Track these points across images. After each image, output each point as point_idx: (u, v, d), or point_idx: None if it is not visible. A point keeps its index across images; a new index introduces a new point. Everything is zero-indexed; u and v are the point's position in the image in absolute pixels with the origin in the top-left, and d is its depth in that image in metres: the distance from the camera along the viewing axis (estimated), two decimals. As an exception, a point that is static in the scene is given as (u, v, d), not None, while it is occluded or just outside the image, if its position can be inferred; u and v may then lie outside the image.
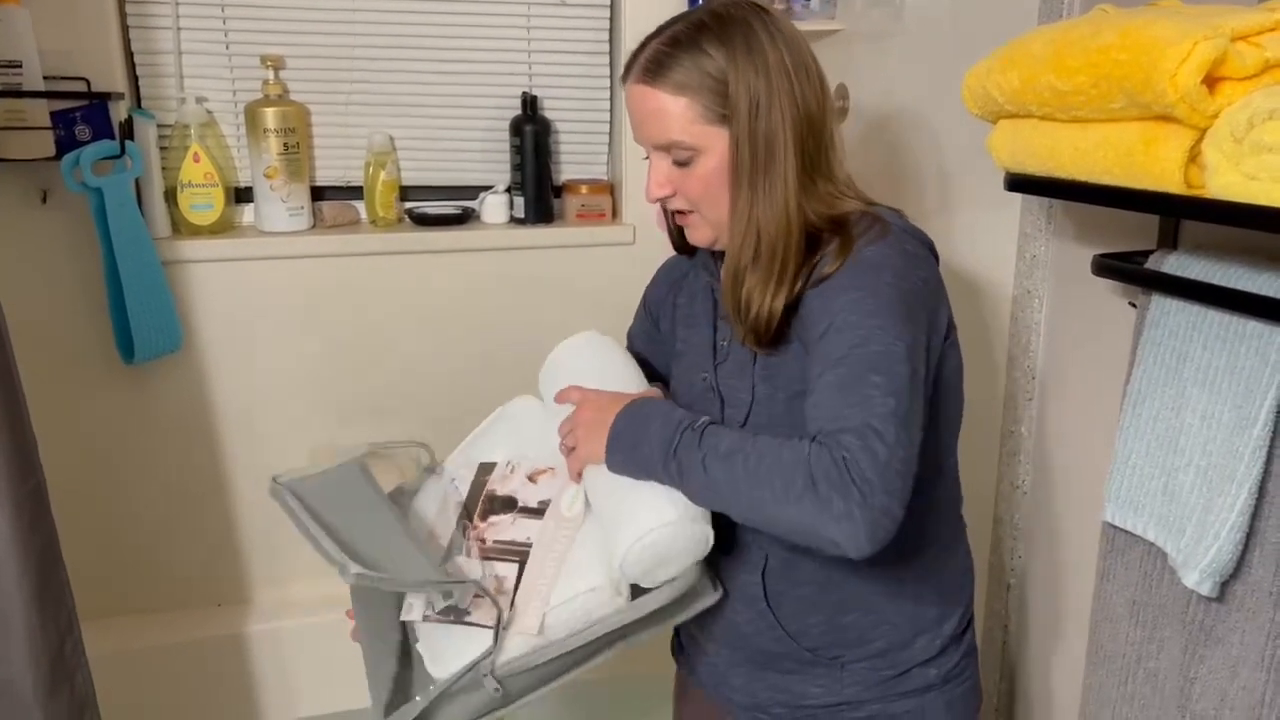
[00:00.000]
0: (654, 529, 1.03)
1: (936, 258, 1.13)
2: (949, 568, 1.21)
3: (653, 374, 1.34)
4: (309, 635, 1.91)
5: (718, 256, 1.21)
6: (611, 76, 1.99)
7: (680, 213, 1.15)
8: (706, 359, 1.21)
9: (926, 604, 1.17)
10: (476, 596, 1.09)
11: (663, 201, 1.13)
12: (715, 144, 1.07)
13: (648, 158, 1.13)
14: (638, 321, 1.41)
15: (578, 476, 1.14)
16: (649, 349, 1.38)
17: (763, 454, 0.96)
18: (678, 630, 1.35)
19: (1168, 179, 0.97)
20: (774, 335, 1.08)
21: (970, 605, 1.25)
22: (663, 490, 1.04)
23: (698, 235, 1.15)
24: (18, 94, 1.57)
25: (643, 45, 1.09)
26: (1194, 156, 0.96)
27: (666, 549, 1.04)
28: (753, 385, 1.13)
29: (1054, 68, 1.07)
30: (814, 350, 1.02)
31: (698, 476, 1.00)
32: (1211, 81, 0.92)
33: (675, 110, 1.06)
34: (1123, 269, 1.23)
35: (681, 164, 1.08)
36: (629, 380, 1.23)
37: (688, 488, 1.02)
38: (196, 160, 1.77)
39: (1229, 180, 0.90)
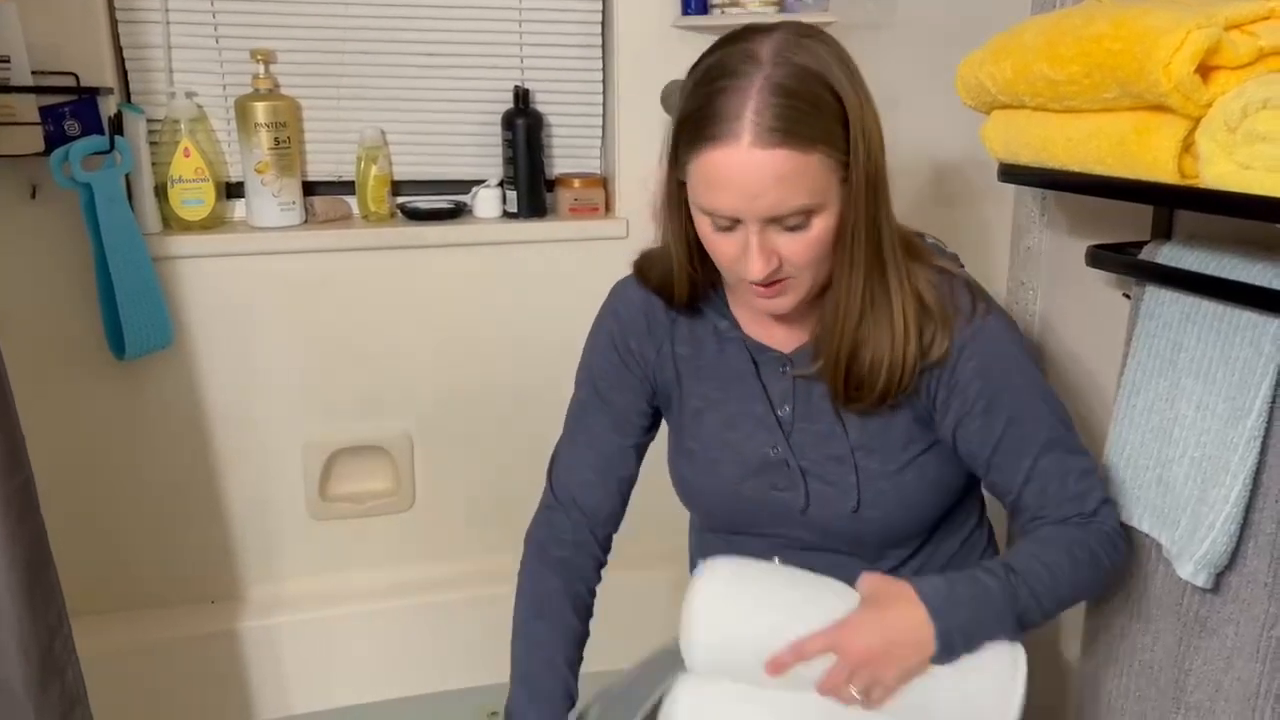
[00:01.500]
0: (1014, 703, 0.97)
1: None
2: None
3: (626, 424, 1.20)
4: (302, 632, 1.91)
5: (721, 300, 1.13)
6: (604, 69, 1.99)
7: (772, 282, 0.99)
8: (764, 428, 1.11)
9: None
10: None
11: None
12: (835, 197, 0.95)
13: (730, 228, 0.96)
14: (609, 378, 1.20)
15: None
16: (617, 399, 1.20)
17: (1065, 564, 1.01)
18: None
19: (1161, 169, 0.97)
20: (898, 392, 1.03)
21: None
22: (978, 677, 0.97)
23: (783, 302, 1.02)
24: (6, 89, 1.55)
25: (729, 91, 0.91)
26: (1188, 146, 0.96)
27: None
28: (854, 464, 1.08)
29: (1047, 57, 1.06)
30: (982, 429, 1.04)
31: (1036, 622, 1.00)
32: (1205, 70, 0.92)
33: (806, 170, 0.92)
34: (1117, 260, 1.23)
35: (794, 228, 0.95)
36: (819, 586, 1.02)
37: (1025, 630, 1.00)
38: (187, 155, 1.76)
39: (1223, 170, 0.90)
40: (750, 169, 0.91)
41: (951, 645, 0.94)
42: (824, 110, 0.92)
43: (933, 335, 1.02)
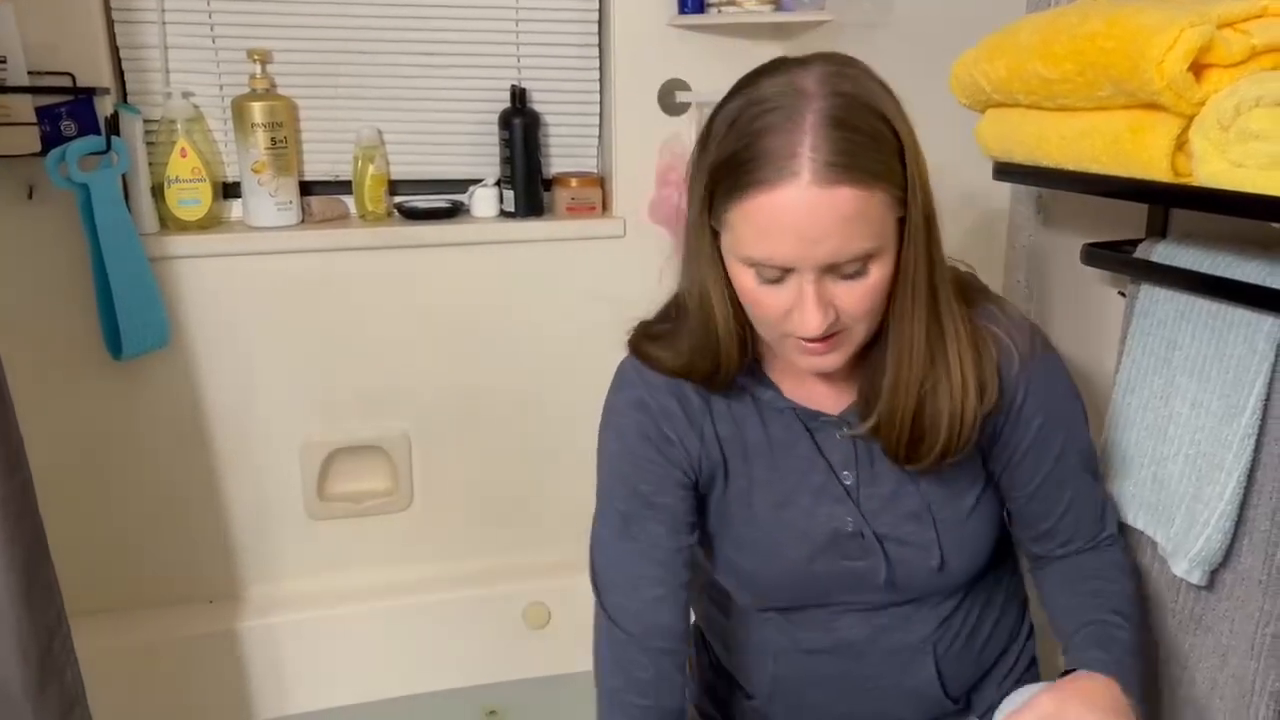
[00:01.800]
0: None
1: None
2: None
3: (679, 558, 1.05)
4: (301, 631, 1.91)
5: (756, 365, 1.03)
6: (601, 68, 1.99)
7: (826, 337, 0.90)
8: (829, 499, 1.03)
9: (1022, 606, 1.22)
10: None
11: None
12: (894, 239, 0.88)
13: (779, 279, 0.87)
14: (639, 464, 1.04)
15: None
16: (667, 500, 1.04)
17: (1129, 599, 1.04)
18: None
19: (1155, 167, 0.97)
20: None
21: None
22: None
23: (836, 359, 0.93)
24: (2, 89, 1.55)
25: (779, 126, 0.83)
26: (1181, 144, 0.96)
27: None
28: (933, 519, 1.03)
29: (1041, 56, 1.07)
30: (1030, 461, 1.03)
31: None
32: (1198, 69, 0.92)
33: (872, 210, 0.84)
34: (1112, 258, 1.23)
35: (851, 276, 0.87)
36: None
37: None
38: (183, 155, 1.76)
39: (1216, 168, 0.90)
40: (811, 211, 0.82)
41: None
42: (882, 143, 0.84)
43: (989, 385, 0.97)
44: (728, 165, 0.86)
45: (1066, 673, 0.94)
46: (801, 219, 0.83)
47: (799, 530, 1.04)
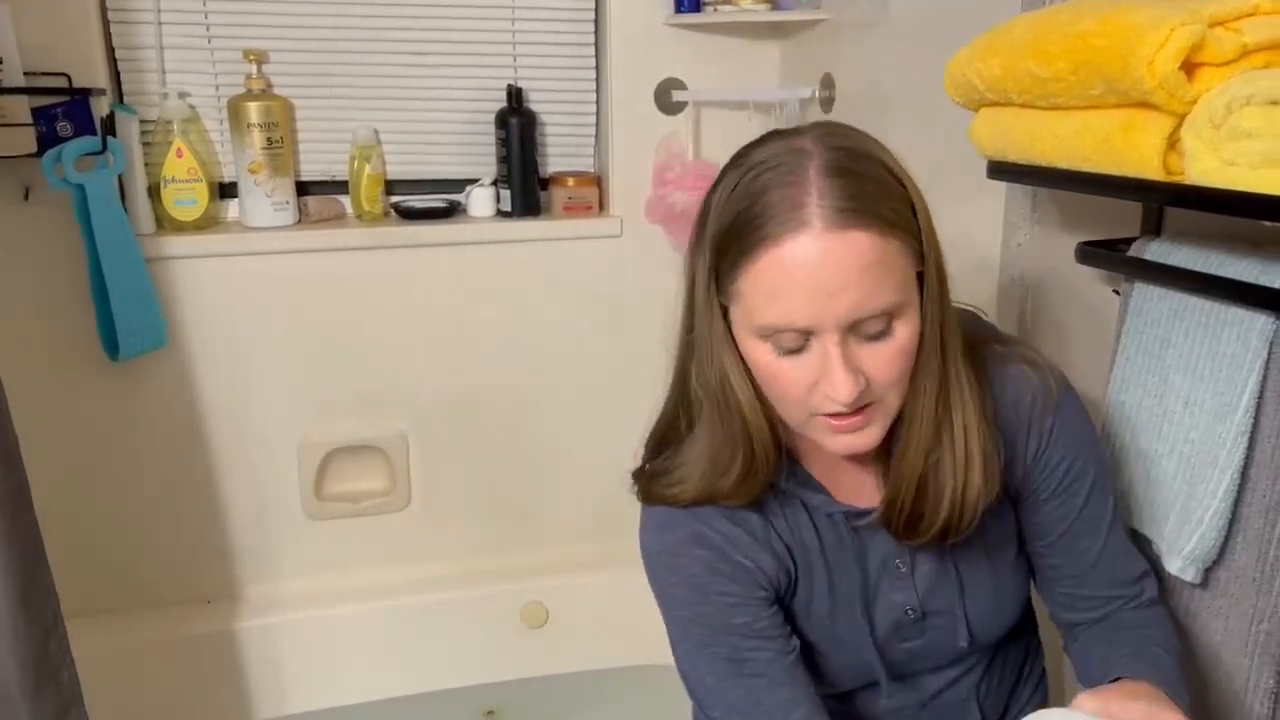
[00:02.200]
0: None
1: None
2: None
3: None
4: (298, 631, 1.92)
5: (799, 466, 0.96)
6: (597, 67, 1.99)
7: (857, 411, 0.83)
8: (891, 589, 0.99)
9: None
10: None
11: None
12: (914, 296, 0.83)
13: (800, 349, 0.81)
14: (723, 604, 0.94)
15: None
16: (764, 627, 0.95)
17: (1175, 652, 0.99)
18: None
19: (1146, 165, 0.97)
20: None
21: None
22: None
23: (871, 435, 0.86)
24: (-2, 90, 1.56)
25: (779, 183, 0.79)
26: (1173, 143, 0.96)
27: None
28: (961, 593, 0.99)
29: (1034, 54, 1.07)
30: (1056, 506, 0.99)
31: None
32: (1190, 67, 0.92)
33: (891, 258, 0.79)
34: (1106, 256, 1.23)
35: (875, 337, 0.81)
36: None
37: None
38: (180, 156, 1.76)
39: (1207, 166, 0.90)
40: (827, 260, 0.77)
41: None
42: (890, 191, 0.80)
43: (992, 465, 0.91)
44: (731, 231, 0.81)
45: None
46: (817, 270, 0.77)
47: (859, 627, 0.98)
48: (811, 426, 0.86)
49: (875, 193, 0.79)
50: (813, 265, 0.77)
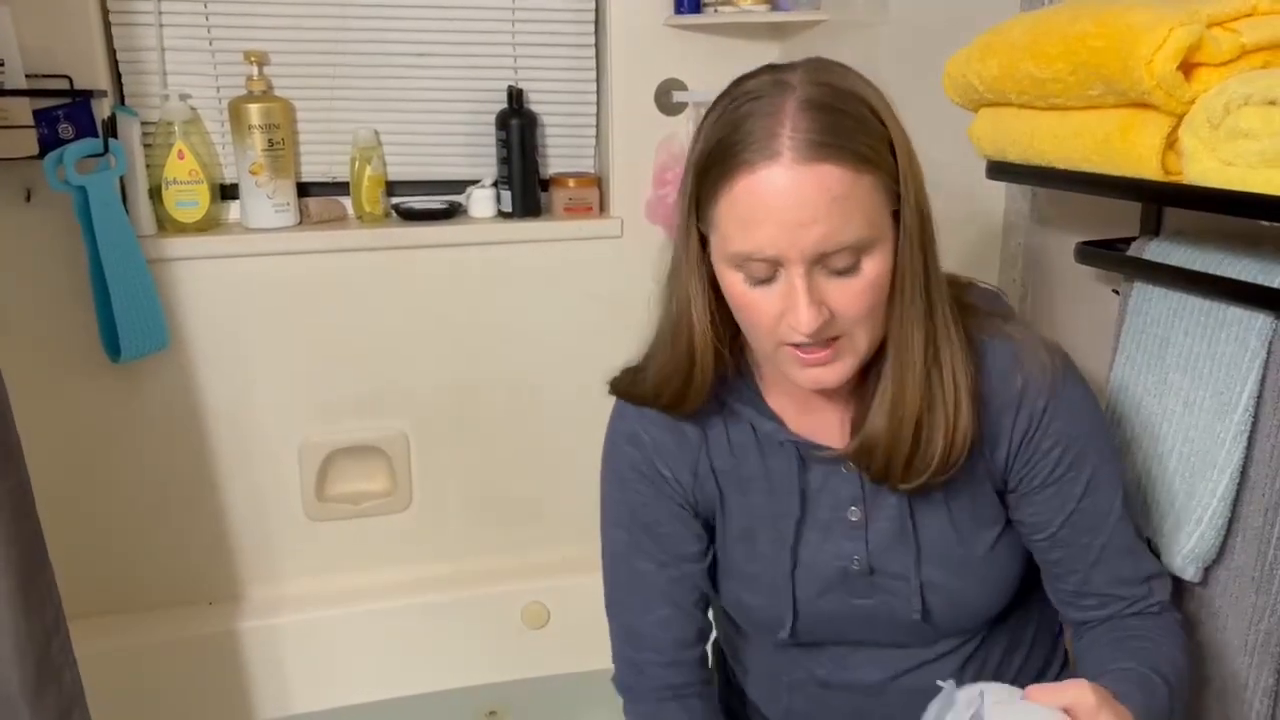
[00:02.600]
0: None
1: None
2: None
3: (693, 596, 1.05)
4: (300, 632, 1.92)
5: (757, 394, 0.99)
6: (598, 68, 1.99)
7: (823, 344, 0.86)
8: (840, 537, 0.99)
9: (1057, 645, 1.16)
10: None
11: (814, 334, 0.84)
12: (887, 234, 0.84)
13: (769, 279, 0.83)
14: (635, 500, 1.03)
15: None
16: (665, 530, 1.03)
17: (1177, 669, 0.95)
18: None
19: (1145, 166, 0.97)
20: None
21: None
22: None
23: (835, 372, 0.88)
24: (0, 92, 1.56)
25: (757, 113, 0.81)
26: (1171, 143, 0.96)
27: None
28: (917, 558, 0.97)
29: (1032, 55, 1.07)
30: (1051, 498, 0.95)
31: None
32: (1188, 68, 0.92)
33: (862, 193, 0.80)
34: (1105, 256, 1.23)
35: (842, 272, 0.83)
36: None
37: None
38: (181, 157, 1.76)
39: (1206, 166, 0.91)
40: (795, 191, 0.79)
41: None
42: (869, 129, 0.81)
43: (983, 408, 0.92)
44: (710, 156, 0.83)
45: None
46: (785, 201, 0.79)
47: (804, 567, 0.99)
48: (780, 357, 0.88)
49: (851, 129, 0.80)
50: (781, 196, 0.79)
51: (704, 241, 0.89)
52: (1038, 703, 0.79)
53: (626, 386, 1.01)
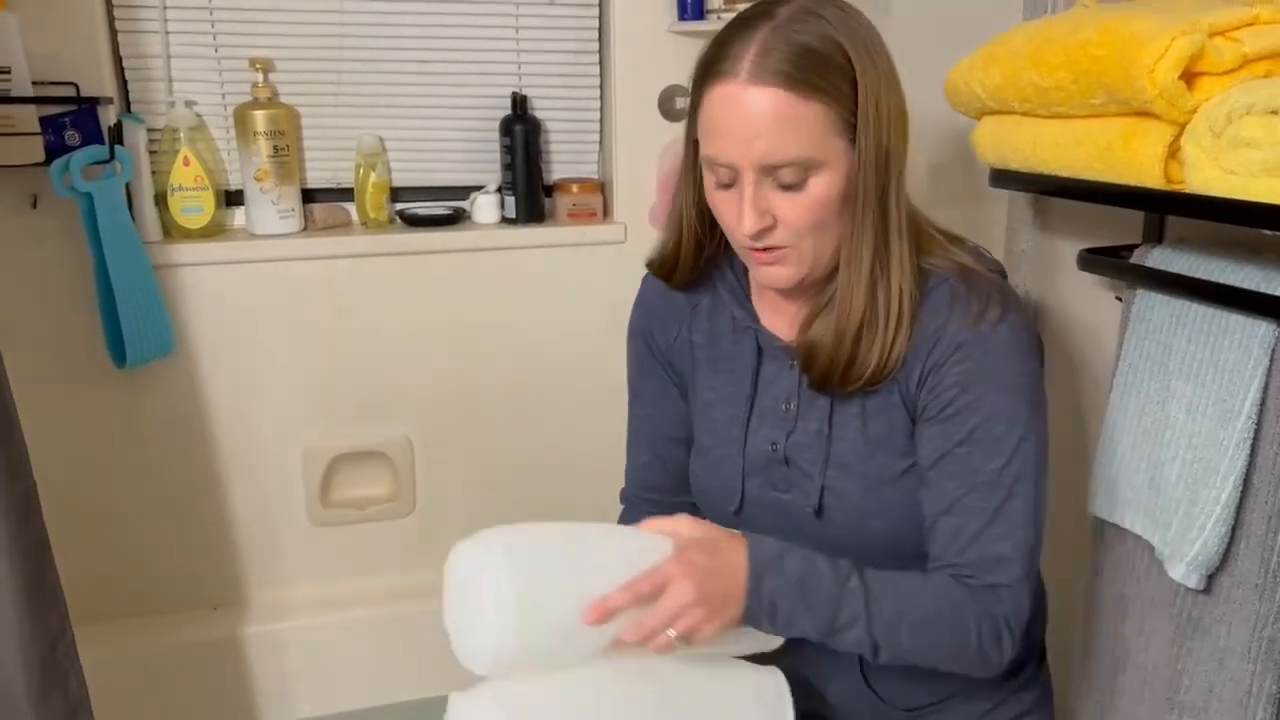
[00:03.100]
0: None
1: None
2: (1037, 617, 1.16)
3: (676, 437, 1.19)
4: (306, 637, 1.92)
5: (744, 284, 1.10)
6: (601, 74, 2.00)
7: (768, 249, 0.97)
8: (768, 424, 1.07)
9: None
10: None
11: (754, 237, 0.95)
12: (837, 160, 0.93)
13: (730, 184, 0.95)
14: (647, 379, 1.19)
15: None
16: (650, 386, 1.19)
17: (927, 618, 0.95)
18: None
19: (1147, 174, 0.97)
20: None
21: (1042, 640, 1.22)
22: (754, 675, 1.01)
23: (783, 274, 0.98)
24: (6, 100, 1.56)
25: (739, 35, 0.92)
26: (1174, 152, 0.96)
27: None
28: (825, 460, 1.04)
29: (1035, 64, 1.07)
30: (936, 436, 0.98)
31: (860, 643, 0.94)
32: (1190, 77, 0.93)
33: (806, 117, 0.90)
34: (1108, 263, 1.24)
35: (789, 186, 0.93)
36: (610, 538, 1.00)
37: (840, 644, 0.95)
38: (186, 164, 1.77)
39: (1208, 175, 0.91)
40: (744, 107, 0.90)
41: (759, 609, 0.91)
42: (830, 66, 0.90)
43: (918, 328, 0.97)
44: (699, 67, 0.95)
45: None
46: (736, 114, 0.90)
47: (739, 447, 1.09)
48: (744, 254, 1.01)
49: (807, 62, 0.89)
50: (733, 108, 0.91)
51: (697, 145, 0.99)
52: (646, 530, 0.94)
53: (650, 256, 1.16)
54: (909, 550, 1.03)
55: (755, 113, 0.90)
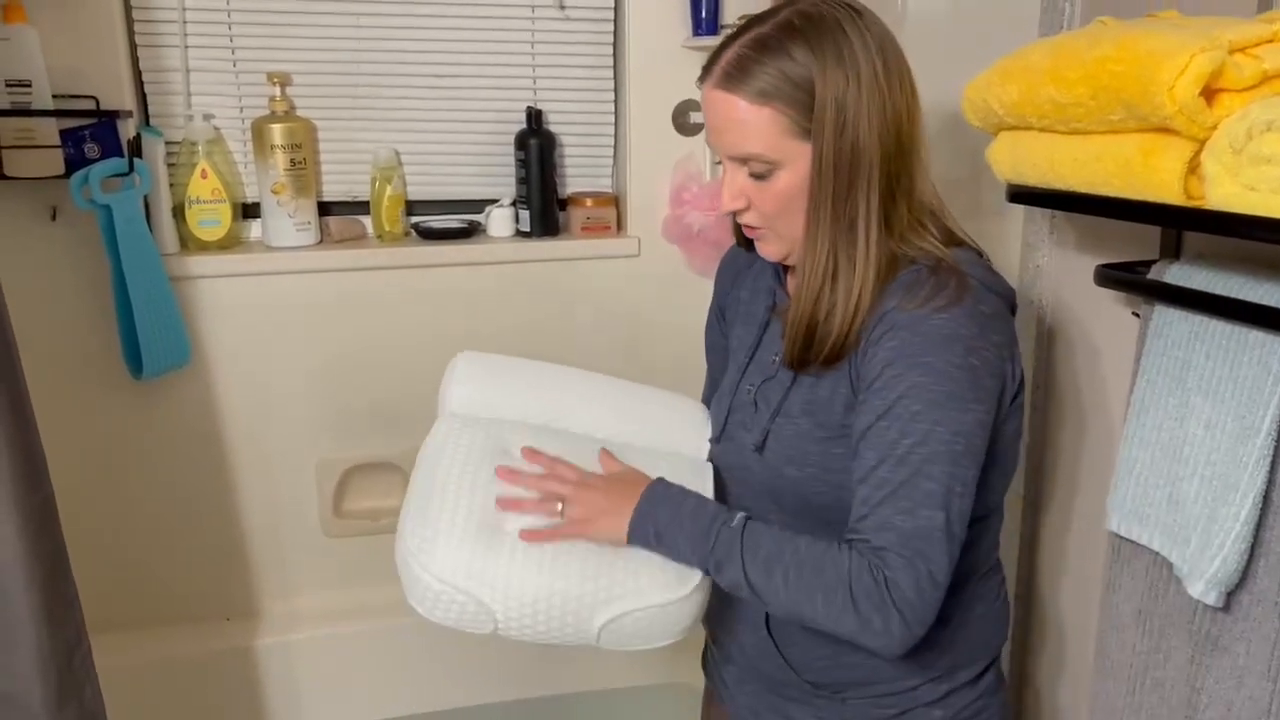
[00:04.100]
0: (652, 605, 1.04)
1: (1014, 309, 1.10)
2: (970, 624, 1.15)
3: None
4: (318, 648, 1.92)
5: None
6: (616, 89, 2.00)
7: (751, 227, 1.09)
8: (758, 371, 1.17)
9: (940, 652, 1.12)
10: None
11: (734, 215, 1.09)
12: (797, 159, 1.01)
13: (719, 163, 1.08)
14: (711, 331, 1.35)
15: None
16: (717, 358, 1.33)
17: (803, 564, 0.98)
18: (706, 642, 1.34)
19: (1167, 190, 0.97)
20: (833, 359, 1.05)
21: (996, 654, 1.20)
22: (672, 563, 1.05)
23: (768, 250, 1.10)
24: (27, 113, 1.58)
25: (723, 47, 1.03)
26: (1193, 168, 0.96)
27: (653, 626, 1.06)
28: (775, 412, 1.11)
29: (1053, 80, 1.07)
30: (864, 410, 1.00)
31: (734, 577, 1.01)
32: (1210, 93, 0.92)
33: (757, 121, 1.00)
34: (1125, 279, 1.23)
35: (758, 176, 1.03)
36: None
37: (722, 581, 1.02)
38: (204, 177, 1.78)
39: (1228, 191, 0.91)
40: (711, 106, 1.03)
41: (644, 521, 1.03)
42: (788, 74, 0.98)
43: (877, 310, 1.02)
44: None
45: None
46: (710, 111, 1.04)
47: (733, 386, 1.19)
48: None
49: (766, 72, 0.98)
50: (708, 107, 1.04)
51: None
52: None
53: None
54: (815, 503, 1.09)
55: (719, 113, 1.02)
